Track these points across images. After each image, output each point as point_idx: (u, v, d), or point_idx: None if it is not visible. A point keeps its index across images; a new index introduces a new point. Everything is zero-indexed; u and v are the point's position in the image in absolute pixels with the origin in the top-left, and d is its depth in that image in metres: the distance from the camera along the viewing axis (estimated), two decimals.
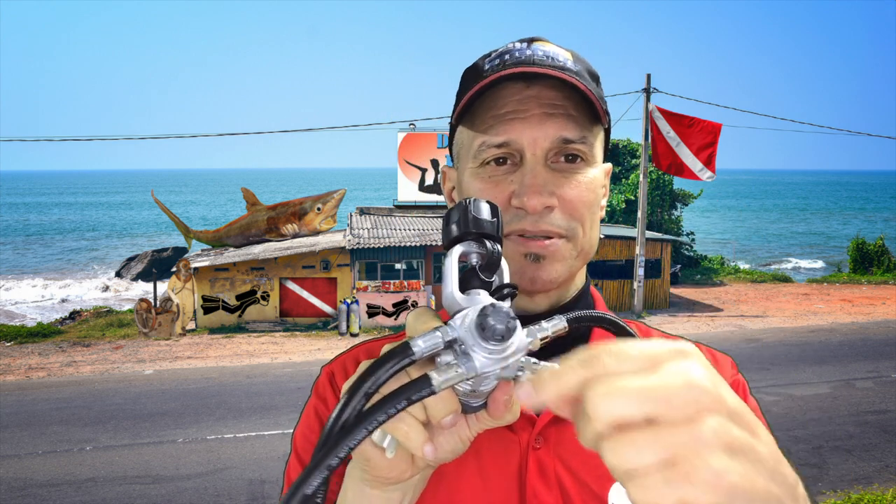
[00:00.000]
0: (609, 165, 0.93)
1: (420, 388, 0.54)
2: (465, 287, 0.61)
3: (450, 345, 0.57)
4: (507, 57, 0.86)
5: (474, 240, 0.64)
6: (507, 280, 0.64)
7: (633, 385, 0.44)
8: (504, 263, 0.64)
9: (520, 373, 0.58)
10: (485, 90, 0.84)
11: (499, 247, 0.64)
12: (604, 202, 0.91)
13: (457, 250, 0.63)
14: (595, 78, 0.89)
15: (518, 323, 0.57)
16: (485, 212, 0.64)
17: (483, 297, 0.59)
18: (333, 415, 0.54)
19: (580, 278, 0.95)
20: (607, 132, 0.90)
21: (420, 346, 0.55)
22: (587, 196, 0.85)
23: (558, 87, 0.84)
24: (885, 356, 13.01)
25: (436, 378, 0.55)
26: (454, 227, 0.64)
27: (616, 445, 0.44)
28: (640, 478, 0.43)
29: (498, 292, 0.61)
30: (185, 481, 7.66)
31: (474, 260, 0.63)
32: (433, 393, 0.54)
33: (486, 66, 0.87)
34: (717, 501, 0.42)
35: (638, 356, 0.46)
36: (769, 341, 14.87)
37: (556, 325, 0.61)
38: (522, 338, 0.57)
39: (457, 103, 0.90)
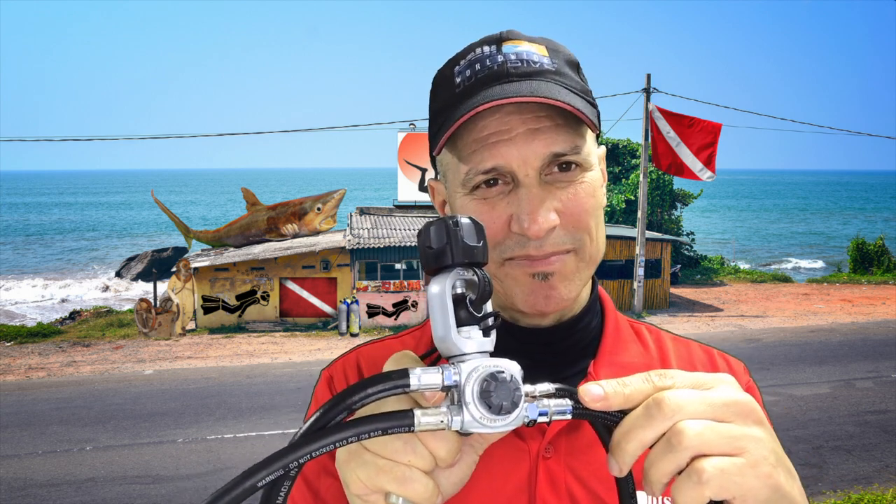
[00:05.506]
0: (603, 149, 0.88)
1: (400, 423, 0.54)
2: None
3: (447, 389, 0.56)
4: (477, 66, 0.80)
5: (464, 268, 0.58)
6: (489, 304, 0.59)
7: (700, 398, 0.56)
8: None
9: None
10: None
11: (488, 275, 0.59)
12: (603, 188, 0.86)
13: (449, 282, 0.57)
14: (575, 66, 0.85)
15: (522, 395, 0.55)
16: (474, 236, 0.58)
17: (475, 339, 0.57)
18: (313, 417, 0.54)
19: (586, 288, 0.91)
20: (597, 117, 0.84)
21: (417, 381, 0.55)
22: (588, 203, 0.81)
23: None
24: (885, 356, 13.02)
25: (419, 419, 0.54)
26: (439, 255, 0.58)
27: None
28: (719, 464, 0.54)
29: (483, 322, 0.58)
30: (185, 481, 7.66)
31: (459, 289, 0.58)
32: (410, 431, 0.54)
33: (458, 79, 0.82)
34: (767, 497, 0.54)
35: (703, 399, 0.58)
36: (769, 341, 14.87)
37: (559, 414, 0.58)
38: (521, 412, 0.56)
39: (431, 122, 0.86)
